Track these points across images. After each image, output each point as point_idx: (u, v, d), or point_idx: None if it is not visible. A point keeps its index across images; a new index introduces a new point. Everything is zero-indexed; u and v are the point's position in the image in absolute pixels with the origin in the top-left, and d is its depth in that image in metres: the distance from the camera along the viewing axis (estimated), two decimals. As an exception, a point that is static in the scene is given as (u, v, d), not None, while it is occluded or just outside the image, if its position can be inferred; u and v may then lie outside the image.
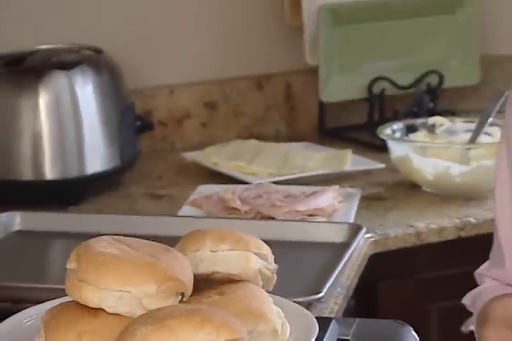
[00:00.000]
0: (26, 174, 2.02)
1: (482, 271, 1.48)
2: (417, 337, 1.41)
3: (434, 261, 1.96)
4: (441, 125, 2.25)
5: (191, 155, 2.29)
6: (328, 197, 1.99)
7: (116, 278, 1.18)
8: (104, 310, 1.17)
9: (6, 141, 2.02)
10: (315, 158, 2.26)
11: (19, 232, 1.83)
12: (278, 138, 2.47)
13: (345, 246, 1.75)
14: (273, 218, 1.92)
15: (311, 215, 1.94)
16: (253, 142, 2.38)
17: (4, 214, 1.84)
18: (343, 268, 1.67)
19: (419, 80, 2.52)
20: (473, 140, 2.13)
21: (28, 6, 2.28)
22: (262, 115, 2.54)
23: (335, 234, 1.81)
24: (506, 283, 1.43)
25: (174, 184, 2.19)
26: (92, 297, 1.17)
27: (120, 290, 1.17)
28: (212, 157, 2.26)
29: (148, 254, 1.22)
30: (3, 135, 2.02)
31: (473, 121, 2.19)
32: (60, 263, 1.26)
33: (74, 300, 1.19)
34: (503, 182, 1.43)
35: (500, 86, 1.37)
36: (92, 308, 1.18)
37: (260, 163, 2.23)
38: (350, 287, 1.68)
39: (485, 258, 1.48)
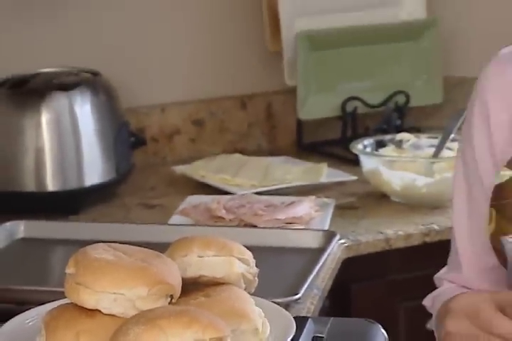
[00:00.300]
0: (29, 186, 2.01)
1: (441, 274, 1.48)
2: (386, 334, 1.40)
3: (401, 264, 1.95)
4: (408, 140, 2.25)
5: (181, 169, 2.28)
6: (305, 207, 1.99)
7: (111, 281, 1.18)
8: (100, 311, 1.17)
9: (11, 156, 2.01)
10: (293, 171, 2.25)
11: (23, 239, 1.82)
12: (260, 152, 2.47)
13: (320, 251, 1.75)
14: (255, 226, 1.92)
15: (289, 223, 1.93)
16: (237, 156, 2.37)
17: (9, 223, 1.83)
18: (318, 271, 1.68)
19: (387, 100, 2.52)
20: (436, 154, 2.14)
21: (31, 33, 2.27)
22: (245, 131, 2.54)
23: (311, 241, 1.80)
24: (462, 285, 1.43)
25: (165, 195, 2.18)
26: (88, 299, 1.17)
27: (115, 293, 1.17)
28: (200, 170, 2.25)
29: (140, 260, 1.21)
30: (9, 150, 2.02)
31: (436, 137, 2.20)
32: (60, 267, 1.26)
33: (72, 302, 1.19)
34: (460, 194, 1.43)
35: (460, 105, 1.37)
36: (89, 309, 1.18)
37: (244, 176, 2.22)
38: (325, 289, 1.69)
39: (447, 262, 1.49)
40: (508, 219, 1.31)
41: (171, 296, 1.21)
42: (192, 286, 1.27)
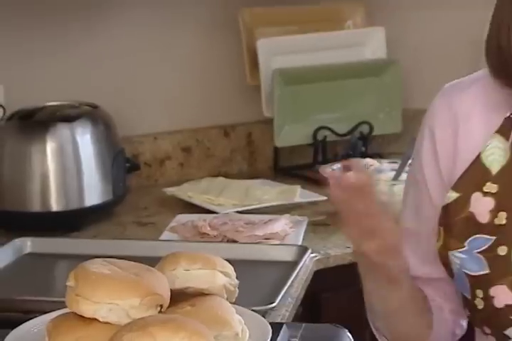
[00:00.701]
0: (36, 206, 2.00)
1: None
2: (352, 338, 1.40)
3: None
4: (372, 165, 2.24)
5: (171, 190, 2.27)
6: (281, 224, 1.99)
7: (107, 293, 1.18)
8: (97, 319, 1.17)
9: (19, 179, 2.00)
10: (270, 192, 2.25)
11: (30, 254, 1.81)
12: (241, 175, 2.46)
13: (294, 264, 1.74)
14: (236, 241, 1.91)
15: (267, 239, 1.93)
16: (220, 179, 2.36)
17: (17, 240, 1.83)
18: (292, 282, 1.67)
19: (353, 129, 2.52)
20: (396, 177, 2.14)
21: (40, 71, 2.27)
22: (228, 157, 2.53)
23: (286, 255, 1.80)
24: None
25: (157, 214, 2.17)
26: (87, 309, 1.17)
27: (110, 303, 1.17)
28: (188, 191, 2.25)
29: (133, 273, 1.21)
30: (18, 174, 2.00)
31: (396, 162, 2.20)
32: (62, 280, 1.24)
33: (72, 312, 1.19)
34: (408, 213, 1.44)
35: (417, 134, 1.38)
36: (87, 318, 1.18)
37: (226, 196, 2.21)
38: (298, 297, 1.68)
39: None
40: (454, 237, 1.31)
41: (161, 306, 1.21)
42: (179, 297, 1.27)
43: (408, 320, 1.36)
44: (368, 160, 2.27)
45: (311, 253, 1.83)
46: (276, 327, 1.31)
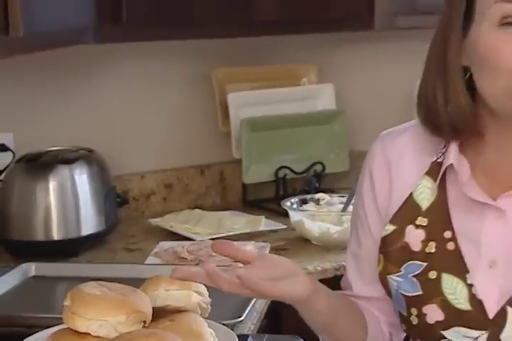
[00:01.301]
0: (40, 236, 1.98)
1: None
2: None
3: None
4: (324, 199, 2.24)
5: (155, 221, 2.25)
6: (248, 249, 1.98)
7: (98, 311, 1.18)
8: (89, 333, 1.17)
9: (26, 213, 1.99)
10: (239, 222, 2.24)
11: (34, 277, 1.80)
12: (214, 208, 2.44)
13: (259, 283, 1.73)
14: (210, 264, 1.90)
15: (236, 262, 1.91)
16: (197, 211, 2.35)
17: (24, 265, 1.81)
18: (257, 299, 1.64)
19: (309, 168, 2.52)
20: (344, 209, 2.13)
21: (43, 121, 2.26)
22: (203, 192, 2.52)
23: (252, 275, 1.79)
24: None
25: (143, 241, 2.15)
26: (81, 325, 1.18)
27: (101, 320, 1.18)
28: (170, 222, 2.23)
29: (121, 294, 1.22)
30: (24, 208, 1.99)
31: (344, 196, 2.18)
32: (61, 299, 1.24)
33: (69, 327, 1.19)
34: (353, 243, 1.42)
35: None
36: (81, 332, 1.18)
37: (202, 226, 2.20)
38: (262, 312, 1.67)
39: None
40: (392, 263, 1.29)
41: (144, 321, 1.21)
42: (160, 313, 1.27)
43: (345, 331, 1.34)
44: (321, 195, 2.26)
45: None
46: (243, 338, 1.32)
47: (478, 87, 1.21)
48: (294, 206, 2.19)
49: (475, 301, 1.21)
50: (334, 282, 1.91)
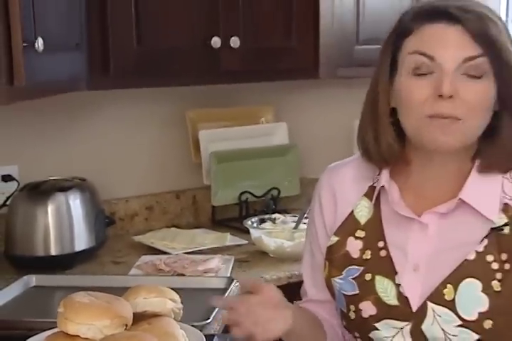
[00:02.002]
0: (40, 251, 1.96)
1: (299, 302, 1.46)
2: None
3: None
4: (279, 218, 2.26)
5: (138, 238, 2.24)
6: (215, 262, 1.98)
7: (86, 317, 1.19)
8: (79, 336, 1.18)
9: (28, 232, 1.97)
10: (209, 238, 2.23)
11: (35, 287, 1.78)
12: (188, 226, 2.42)
13: (224, 290, 1.72)
14: (183, 275, 1.89)
15: (205, 272, 1.92)
16: (173, 229, 2.34)
17: (25, 277, 1.79)
18: (223, 303, 1.66)
19: (267, 193, 2.52)
20: (296, 226, 2.14)
21: (43, 155, 2.25)
22: (179, 213, 2.51)
23: (219, 283, 1.78)
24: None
25: (127, 255, 2.13)
26: (71, 329, 1.18)
27: (88, 324, 1.18)
28: (150, 239, 2.22)
29: (106, 302, 1.22)
30: (26, 229, 1.97)
31: (296, 216, 2.20)
32: (57, 306, 1.24)
33: (62, 330, 1.19)
34: (306, 253, 1.44)
35: (311, 196, 1.40)
36: (72, 335, 1.18)
37: (177, 242, 2.19)
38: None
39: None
40: (335, 267, 1.32)
41: (126, 325, 1.22)
42: (139, 318, 1.27)
43: (312, 339, 1.35)
44: (277, 215, 2.28)
45: (236, 282, 1.80)
46: (210, 338, 1.32)
47: (402, 124, 1.24)
48: (254, 225, 2.19)
49: (402, 298, 1.24)
50: (287, 288, 1.91)
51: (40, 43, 1.53)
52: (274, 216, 2.27)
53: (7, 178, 2.14)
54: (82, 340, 1.16)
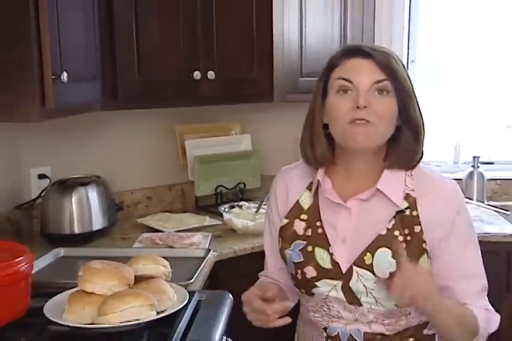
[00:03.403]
0: (66, 230, 1.95)
1: (261, 272, 1.45)
2: (232, 298, 1.39)
3: (243, 264, 1.88)
4: (245, 205, 2.26)
5: (140, 220, 2.23)
6: (197, 237, 1.98)
7: (100, 278, 1.18)
8: (94, 293, 1.17)
9: (57, 217, 1.96)
10: (193, 220, 2.23)
11: (62, 257, 1.78)
12: (177, 211, 2.41)
13: (204, 258, 1.74)
14: (173, 247, 1.89)
15: (190, 245, 1.91)
16: (167, 214, 2.33)
17: (56, 249, 1.79)
18: (203, 267, 1.67)
19: (236, 186, 2.52)
20: (257, 211, 2.15)
21: (69, 159, 2.23)
22: (170, 201, 2.50)
23: (200, 253, 1.79)
24: (270, 277, 1.41)
25: (132, 233, 2.12)
26: (88, 287, 1.17)
27: (101, 284, 1.17)
28: (149, 220, 2.21)
29: (114, 267, 1.21)
30: (57, 214, 1.95)
31: (257, 203, 2.21)
32: (78, 271, 1.22)
33: (81, 289, 1.19)
34: (266, 230, 1.43)
35: (268, 188, 1.39)
36: (89, 292, 1.17)
37: (170, 222, 2.19)
38: (205, 276, 1.66)
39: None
40: (286, 242, 1.32)
41: (129, 284, 1.21)
42: (139, 279, 1.26)
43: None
44: (243, 203, 2.28)
45: (213, 252, 1.82)
46: (192, 294, 1.31)
47: (332, 133, 1.25)
48: (226, 209, 2.20)
49: (334, 263, 1.25)
50: (251, 256, 1.92)
51: (65, 76, 1.53)
52: (241, 203, 2.28)
53: (42, 176, 2.13)
54: (96, 296, 1.15)
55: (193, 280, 1.51)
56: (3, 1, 1.40)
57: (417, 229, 1.21)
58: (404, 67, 1.23)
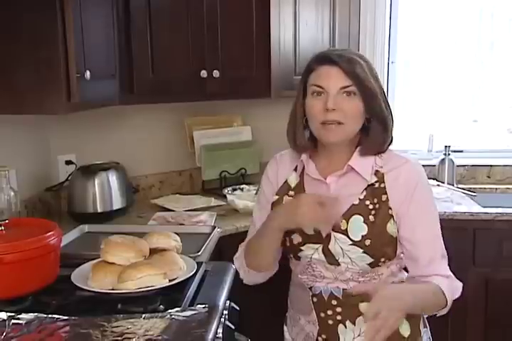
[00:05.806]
0: (90, 209, 1.95)
1: (242, 244, 1.41)
2: (234, 266, 1.39)
3: (242, 239, 1.73)
4: (246, 188, 2.27)
5: (154, 201, 2.23)
6: (205, 216, 1.99)
7: (120, 250, 1.19)
8: (115, 263, 1.18)
9: (83, 198, 1.95)
10: (201, 201, 2.23)
11: (87, 233, 1.77)
12: (187, 194, 2.41)
13: (210, 234, 1.74)
14: (183, 224, 1.89)
15: (198, 222, 1.92)
16: (177, 195, 2.33)
17: (81, 226, 1.78)
18: (209, 242, 1.67)
19: (238, 171, 2.50)
20: (256, 193, 2.12)
21: (92, 146, 2.22)
22: (180, 185, 2.49)
23: (207, 229, 1.79)
24: None
25: (147, 212, 2.12)
26: (110, 258, 1.18)
27: (120, 255, 1.18)
28: (162, 201, 2.22)
29: (131, 241, 1.22)
30: (82, 194, 1.95)
31: (257, 186, 2.21)
32: (100, 244, 1.23)
33: (103, 260, 1.19)
34: (258, 205, 1.44)
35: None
36: (110, 262, 1.18)
37: (180, 203, 2.19)
38: (211, 249, 1.67)
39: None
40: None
41: (145, 256, 1.22)
42: (154, 251, 1.27)
43: (268, 256, 1.33)
44: (244, 186, 2.29)
45: (218, 228, 1.82)
46: (200, 264, 1.32)
47: (310, 128, 1.27)
48: (229, 192, 2.21)
49: (316, 230, 1.25)
50: (238, 236, 1.89)
51: (88, 74, 1.52)
52: (242, 186, 2.29)
53: (68, 162, 2.13)
54: (116, 266, 1.16)
55: (200, 252, 1.53)
56: (34, 7, 1.41)
57: (383, 197, 1.25)
58: (371, 69, 1.25)
